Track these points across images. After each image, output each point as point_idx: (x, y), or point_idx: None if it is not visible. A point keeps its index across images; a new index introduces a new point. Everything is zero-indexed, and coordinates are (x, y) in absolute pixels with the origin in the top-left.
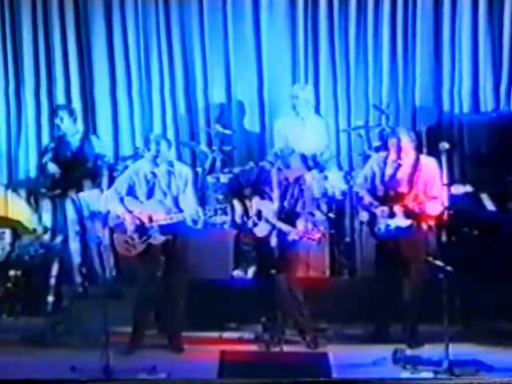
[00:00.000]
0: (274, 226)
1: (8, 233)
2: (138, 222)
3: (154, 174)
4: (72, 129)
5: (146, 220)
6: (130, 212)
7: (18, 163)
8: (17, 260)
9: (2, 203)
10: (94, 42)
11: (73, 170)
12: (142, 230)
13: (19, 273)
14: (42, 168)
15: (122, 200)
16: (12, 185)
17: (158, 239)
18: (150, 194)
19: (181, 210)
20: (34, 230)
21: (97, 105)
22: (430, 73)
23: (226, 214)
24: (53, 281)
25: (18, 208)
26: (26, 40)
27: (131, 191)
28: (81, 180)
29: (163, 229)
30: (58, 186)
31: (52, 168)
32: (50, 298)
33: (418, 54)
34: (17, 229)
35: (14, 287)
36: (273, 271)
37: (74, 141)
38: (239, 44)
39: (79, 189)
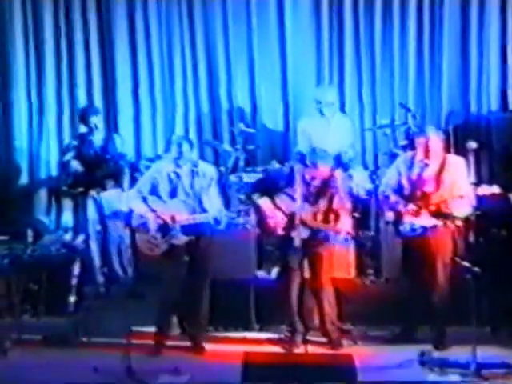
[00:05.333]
0: (314, 229)
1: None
2: (160, 221)
3: (177, 173)
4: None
5: (168, 220)
6: (153, 211)
7: (40, 161)
8: (38, 260)
9: None
10: (116, 42)
11: (95, 168)
12: (164, 229)
13: (41, 272)
14: (63, 166)
15: (144, 199)
16: (33, 183)
17: (181, 239)
18: (173, 194)
19: (204, 210)
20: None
21: (119, 104)
22: (457, 71)
23: (248, 215)
24: (75, 281)
25: None
26: (48, 40)
27: (154, 191)
28: (103, 179)
29: (186, 229)
30: (80, 184)
31: (75, 166)
32: (72, 298)
33: (444, 51)
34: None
35: (35, 287)
36: (296, 271)
37: (97, 140)
38: (263, 42)
39: (101, 188)
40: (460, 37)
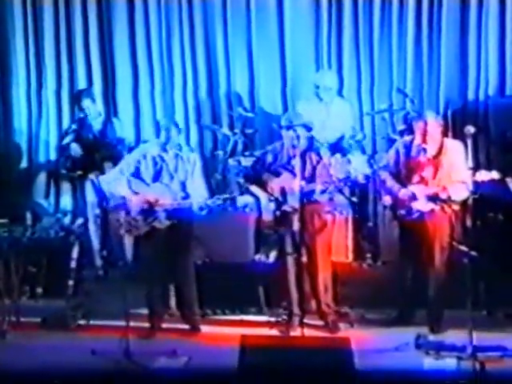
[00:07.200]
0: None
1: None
2: (143, 203)
3: (161, 157)
4: (95, 111)
5: (151, 203)
6: (136, 193)
7: (39, 144)
8: (37, 242)
9: None
10: (115, 25)
11: (94, 152)
12: (147, 212)
13: (40, 255)
14: (62, 149)
15: (127, 181)
16: (32, 166)
17: (163, 223)
18: (156, 177)
19: (188, 195)
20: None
21: (118, 88)
22: (455, 55)
23: (234, 203)
24: (73, 264)
25: None
26: (48, 26)
27: (137, 173)
28: (102, 163)
29: (169, 213)
30: (79, 167)
31: (74, 149)
32: (71, 281)
33: (443, 36)
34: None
35: (34, 270)
36: (294, 255)
37: (96, 123)
38: (262, 27)
39: (100, 171)
40: (459, 21)
